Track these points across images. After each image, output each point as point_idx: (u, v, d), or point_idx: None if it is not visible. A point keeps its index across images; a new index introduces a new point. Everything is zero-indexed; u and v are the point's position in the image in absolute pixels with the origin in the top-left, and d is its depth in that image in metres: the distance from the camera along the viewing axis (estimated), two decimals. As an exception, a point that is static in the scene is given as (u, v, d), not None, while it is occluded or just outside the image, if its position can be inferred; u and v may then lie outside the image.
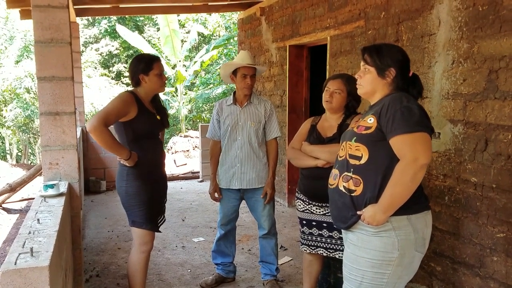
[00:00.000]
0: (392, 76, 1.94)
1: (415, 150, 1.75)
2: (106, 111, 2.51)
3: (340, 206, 1.98)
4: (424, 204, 1.94)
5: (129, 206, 2.71)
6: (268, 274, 3.41)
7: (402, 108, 1.81)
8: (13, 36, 15.41)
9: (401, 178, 1.78)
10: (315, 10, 4.76)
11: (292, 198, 5.74)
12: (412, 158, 1.75)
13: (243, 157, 3.25)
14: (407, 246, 1.85)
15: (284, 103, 5.60)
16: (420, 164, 1.75)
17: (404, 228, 1.85)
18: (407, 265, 1.88)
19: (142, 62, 2.70)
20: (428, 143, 1.79)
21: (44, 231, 1.88)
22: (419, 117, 1.80)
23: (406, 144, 1.77)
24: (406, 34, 3.37)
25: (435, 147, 3.10)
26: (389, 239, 1.85)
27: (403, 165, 1.77)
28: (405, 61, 1.98)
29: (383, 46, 2.01)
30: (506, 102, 2.56)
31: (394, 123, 1.79)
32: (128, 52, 16.87)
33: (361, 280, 1.91)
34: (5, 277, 1.48)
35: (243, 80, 3.19)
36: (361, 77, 2.01)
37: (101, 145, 2.52)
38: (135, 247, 2.78)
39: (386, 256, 1.85)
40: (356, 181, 1.90)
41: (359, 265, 1.91)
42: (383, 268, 1.86)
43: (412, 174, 1.76)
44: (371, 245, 1.88)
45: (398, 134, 1.78)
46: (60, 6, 2.61)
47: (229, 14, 13.92)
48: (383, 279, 1.87)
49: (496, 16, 2.61)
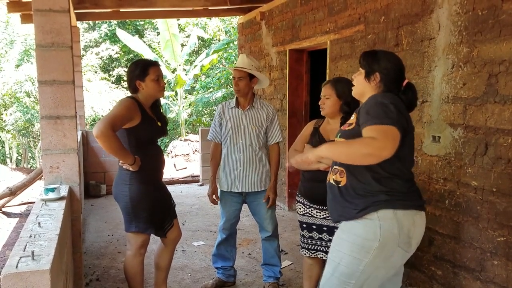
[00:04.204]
0: (377, 81, 2.00)
1: (386, 140, 1.73)
2: (113, 116, 2.47)
3: (331, 198, 2.07)
4: (414, 203, 1.96)
5: (132, 212, 2.67)
6: (272, 277, 3.41)
7: (377, 103, 1.86)
8: (14, 40, 15.44)
9: (357, 147, 1.75)
10: (315, 14, 4.78)
11: (292, 202, 5.74)
12: (381, 145, 1.72)
13: (245, 160, 3.26)
14: (389, 238, 1.87)
15: (284, 107, 5.61)
16: (382, 155, 1.73)
17: (389, 220, 1.88)
18: (385, 257, 1.90)
19: (138, 68, 2.67)
20: (396, 139, 1.77)
21: (45, 235, 1.88)
22: (391, 112, 1.82)
23: (378, 132, 1.76)
24: (406, 38, 3.38)
25: (435, 151, 3.11)
26: (372, 228, 1.88)
27: (369, 141, 1.74)
28: (394, 69, 2.01)
29: (378, 52, 2.07)
30: (506, 106, 2.56)
31: (367, 115, 1.84)
32: (128, 56, 16.89)
33: (339, 262, 1.95)
34: (6, 281, 1.48)
35: (234, 82, 3.26)
36: (355, 78, 2.11)
37: (107, 150, 2.47)
38: (132, 251, 2.76)
39: (366, 243, 1.88)
40: (341, 173, 1.99)
41: (340, 247, 1.96)
42: (361, 255, 1.89)
43: (366, 154, 1.73)
44: (354, 230, 1.92)
45: (369, 125, 1.80)
46: (61, 10, 2.62)
47: (229, 18, 13.94)
48: (359, 266, 1.89)
49: (496, 20, 2.62)
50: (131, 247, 2.77)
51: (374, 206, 1.88)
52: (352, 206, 1.93)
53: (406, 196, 1.92)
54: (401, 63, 2.07)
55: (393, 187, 1.91)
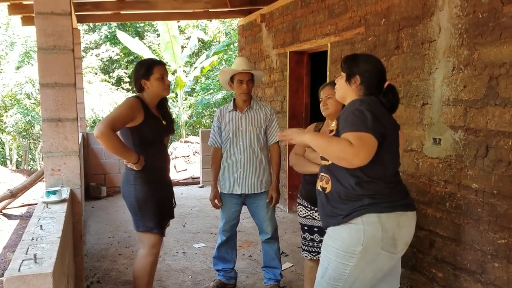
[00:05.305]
0: (357, 84, 2.04)
1: (360, 148, 1.78)
2: (113, 116, 2.51)
3: (320, 204, 2.11)
4: (399, 203, 1.97)
5: (139, 211, 2.70)
6: (272, 279, 3.41)
7: (354, 110, 1.90)
8: (14, 42, 15.43)
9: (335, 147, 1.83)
10: (316, 17, 4.79)
11: (292, 204, 5.74)
12: (355, 152, 1.78)
13: (245, 162, 3.26)
14: (372, 243, 1.90)
15: (285, 109, 5.62)
16: (354, 162, 1.81)
17: (373, 225, 1.90)
18: (370, 260, 1.93)
19: (143, 67, 2.71)
20: (371, 145, 1.82)
21: (47, 238, 1.88)
22: (367, 120, 1.85)
23: (354, 139, 1.81)
24: (406, 41, 3.39)
25: (436, 153, 3.11)
26: (356, 233, 1.91)
27: (346, 146, 1.79)
28: (374, 72, 2.04)
29: (359, 56, 2.13)
30: (507, 109, 2.57)
31: (345, 122, 1.89)
32: (129, 58, 16.90)
33: (327, 266, 2.00)
34: (9, 284, 1.49)
35: (240, 86, 3.23)
36: (337, 82, 2.15)
37: (109, 150, 2.50)
38: (144, 250, 2.77)
39: (350, 248, 1.92)
40: (326, 179, 2.04)
41: (327, 252, 2.01)
42: (346, 259, 1.93)
43: (340, 157, 1.81)
44: (339, 235, 1.96)
45: (346, 131, 1.85)
46: (63, 13, 2.63)
47: (229, 20, 13.97)
48: (345, 269, 1.94)
49: (496, 23, 2.63)
50: (143, 246, 2.79)
51: (359, 211, 1.92)
52: (338, 211, 1.98)
53: (390, 198, 1.95)
54: (382, 66, 2.10)
55: (376, 190, 1.94)
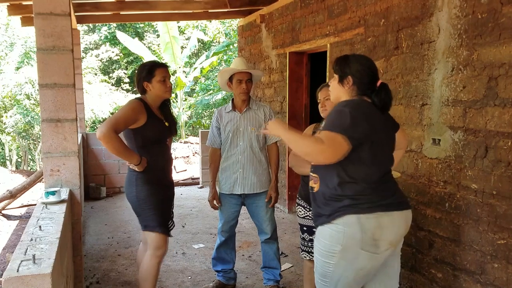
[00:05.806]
0: (350, 84, 2.06)
1: (329, 146, 1.83)
2: (116, 118, 2.53)
3: (311, 203, 2.15)
4: (380, 204, 1.97)
5: (140, 211, 2.74)
6: (272, 280, 3.41)
7: (336, 111, 1.95)
8: (14, 43, 15.43)
9: (304, 143, 1.87)
10: (315, 17, 4.79)
11: (292, 204, 5.74)
12: (322, 149, 1.82)
13: (245, 162, 3.26)
14: (351, 243, 1.94)
15: (284, 109, 5.62)
16: (319, 159, 1.89)
17: (352, 226, 1.93)
18: (351, 260, 1.96)
19: (145, 69, 2.74)
20: (340, 146, 1.85)
21: (46, 238, 1.88)
22: (343, 121, 1.87)
23: (325, 138, 1.85)
24: (405, 41, 3.39)
25: (435, 154, 3.11)
26: (337, 234, 1.95)
27: (315, 142, 1.84)
28: (365, 72, 2.06)
29: (350, 56, 2.14)
30: (506, 109, 2.57)
31: (326, 121, 1.96)
32: (128, 59, 16.90)
33: (316, 264, 2.09)
34: (8, 284, 1.49)
35: (239, 86, 3.23)
36: (331, 84, 2.18)
37: (112, 152, 2.53)
38: (149, 252, 2.78)
39: (330, 248, 1.97)
40: (315, 179, 2.08)
41: (315, 250, 2.10)
42: (328, 258, 1.99)
43: (306, 152, 1.86)
44: (322, 235, 2.02)
45: (323, 130, 1.91)
46: (63, 14, 2.63)
47: (229, 20, 13.97)
48: (329, 267, 2.00)
49: (496, 23, 2.63)
50: (148, 247, 2.81)
51: (339, 212, 1.95)
52: (322, 211, 2.02)
53: (371, 198, 1.96)
54: (374, 65, 2.11)
55: (356, 191, 1.95)
